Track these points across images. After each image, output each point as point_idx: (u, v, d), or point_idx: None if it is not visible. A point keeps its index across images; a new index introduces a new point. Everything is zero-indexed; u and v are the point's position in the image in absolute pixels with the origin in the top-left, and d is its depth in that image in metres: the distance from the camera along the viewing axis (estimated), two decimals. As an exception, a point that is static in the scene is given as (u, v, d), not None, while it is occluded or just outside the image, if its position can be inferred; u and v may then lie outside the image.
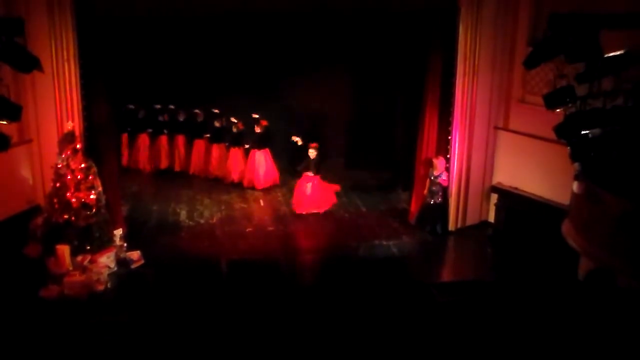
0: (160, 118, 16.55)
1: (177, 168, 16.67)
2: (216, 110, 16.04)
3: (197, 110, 16.31)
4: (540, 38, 9.62)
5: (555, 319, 8.31)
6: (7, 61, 7.94)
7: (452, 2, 11.73)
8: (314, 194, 14.00)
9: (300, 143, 14.63)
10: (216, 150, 16.08)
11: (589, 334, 7.52)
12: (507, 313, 9.14)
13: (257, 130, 15.48)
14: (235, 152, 15.77)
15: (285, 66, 15.99)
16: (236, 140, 15.74)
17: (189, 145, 16.51)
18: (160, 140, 16.63)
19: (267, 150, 15.56)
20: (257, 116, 15.52)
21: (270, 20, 13.52)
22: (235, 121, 15.65)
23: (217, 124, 15.98)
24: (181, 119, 16.53)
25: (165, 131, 16.61)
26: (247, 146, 15.68)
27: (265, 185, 15.47)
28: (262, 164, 15.50)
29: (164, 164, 16.65)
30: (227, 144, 15.91)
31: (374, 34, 14.46)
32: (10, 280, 10.07)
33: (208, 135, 16.17)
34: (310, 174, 13.97)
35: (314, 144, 14.00)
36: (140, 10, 11.26)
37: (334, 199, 14.36)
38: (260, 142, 15.50)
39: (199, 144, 16.32)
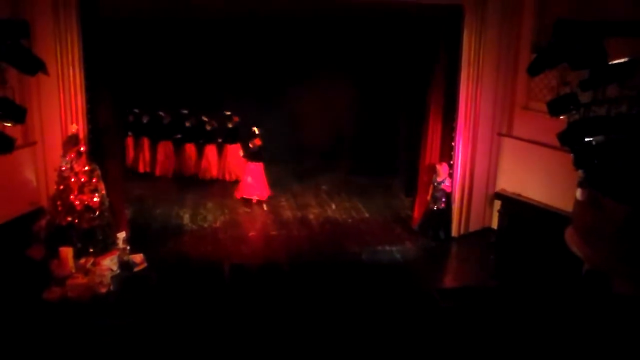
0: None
1: (141, 169, 16.88)
2: (185, 111, 16.45)
3: (161, 112, 16.58)
4: (544, 45, 9.61)
5: (557, 325, 8.31)
6: (13, 63, 7.94)
7: (457, 9, 11.75)
8: (250, 180, 14.62)
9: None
10: (189, 149, 16.52)
11: (587, 339, 7.51)
12: (509, 319, 9.13)
13: (230, 125, 16.10)
14: (211, 149, 16.37)
15: (288, 72, 16.06)
16: (211, 138, 16.36)
17: (154, 147, 16.74)
18: (126, 142, 16.77)
19: (239, 145, 15.89)
20: (229, 113, 16.14)
21: (273, 26, 13.59)
22: (207, 120, 16.24)
23: (187, 124, 16.44)
24: (144, 121, 16.71)
25: (130, 133, 16.80)
26: (219, 140, 16.31)
27: (237, 179, 15.90)
28: (234, 158, 16.13)
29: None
30: (201, 141, 16.44)
31: (378, 40, 14.51)
32: (13, 282, 10.08)
33: (179, 136, 16.54)
34: (252, 161, 14.65)
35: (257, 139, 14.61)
36: (144, 13, 11.36)
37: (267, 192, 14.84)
38: (232, 137, 16.15)
39: (166, 145, 16.62)
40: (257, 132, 14.67)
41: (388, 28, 13.40)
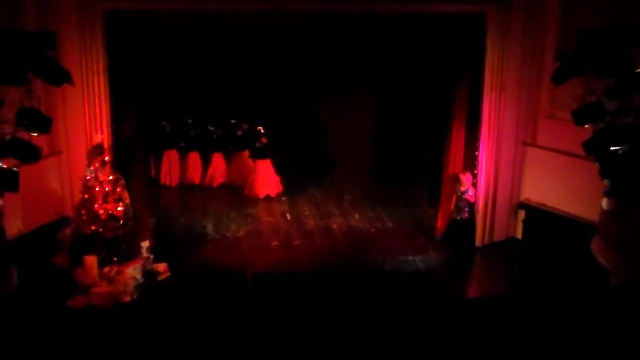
0: None
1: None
2: (190, 120, 16.67)
3: (164, 123, 16.73)
4: (568, 53, 9.53)
5: (582, 336, 8.21)
6: (39, 74, 8.06)
7: (480, 17, 11.69)
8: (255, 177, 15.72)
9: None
10: (192, 157, 16.74)
11: (616, 350, 7.41)
12: (533, 330, 9.04)
13: (239, 133, 16.46)
14: (218, 157, 16.64)
15: (310, 82, 16.10)
16: (217, 146, 16.63)
17: (158, 156, 16.89)
18: None
19: (248, 152, 16.48)
20: (234, 121, 16.54)
21: (296, 37, 13.63)
22: (213, 129, 16.58)
23: (192, 133, 16.73)
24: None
25: None
26: (230, 148, 16.67)
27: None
28: (246, 165, 16.50)
29: None
30: (207, 150, 16.69)
31: (400, 49, 14.49)
32: (39, 290, 10.17)
33: (183, 144, 16.76)
34: (260, 159, 15.78)
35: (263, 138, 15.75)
36: (162, 24, 11.57)
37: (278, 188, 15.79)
38: (243, 144, 16.52)
39: (172, 155, 16.76)
40: (262, 130, 15.64)
41: (410, 37, 13.38)
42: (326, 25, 12.54)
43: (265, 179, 15.70)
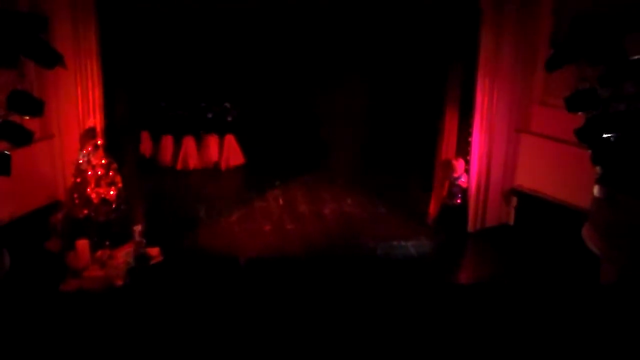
0: None
1: None
2: (163, 104, 16.75)
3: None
4: (561, 40, 9.51)
5: (573, 323, 8.27)
6: (31, 57, 8.01)
7: (474, 4, 11.64)
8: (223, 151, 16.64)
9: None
10: (165, 141, 16.81)
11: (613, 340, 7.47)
12: (525, 316, 9.10)
13: (209, 116, 16.74)
14: (189, 140, 16.72)
15: (304, 66, 16.04)
16: (188, 129, 16.76)
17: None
18: None
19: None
20: (204, 105, 16.70)
21: (287, 23, 13.59)
22: (182, 112, 16.71)
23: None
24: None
25: None
26: (201, 132, 16.81)
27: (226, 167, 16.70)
28: (215, 147, 16.83)
29: None
30: (178, 133, 16.78)
31: (394, 35, 14.44)
32: (31, 274, 10.17)
33: (156, 127, 16.84)
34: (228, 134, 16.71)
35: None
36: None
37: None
38: (213, 126, 16.83)
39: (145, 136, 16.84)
40: (229, 106, 16.47)
41: (404, 22, 13.34)
42: (318, 8, 12.48)
43: (232, 151, 16.57)
